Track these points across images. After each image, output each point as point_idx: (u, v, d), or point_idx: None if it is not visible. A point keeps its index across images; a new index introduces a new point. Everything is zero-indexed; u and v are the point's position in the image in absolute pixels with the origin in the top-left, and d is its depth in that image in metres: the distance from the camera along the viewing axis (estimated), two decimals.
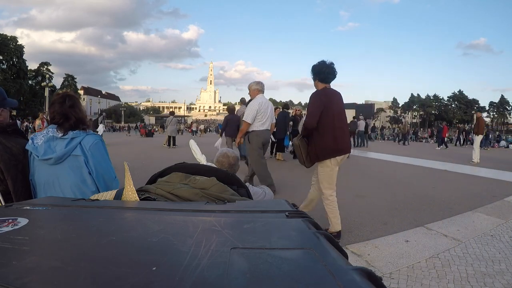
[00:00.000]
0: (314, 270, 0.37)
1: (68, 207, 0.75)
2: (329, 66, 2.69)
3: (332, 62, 2.73)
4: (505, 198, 4.24)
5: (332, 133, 2.59)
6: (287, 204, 0.71)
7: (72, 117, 1.41)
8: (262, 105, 3.85)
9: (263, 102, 3.88)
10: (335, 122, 2.59)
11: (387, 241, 2.67)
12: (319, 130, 2.60)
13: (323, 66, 2.68)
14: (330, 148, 2.59)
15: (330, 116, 2.58)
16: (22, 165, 1.35)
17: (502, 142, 18.18)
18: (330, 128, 2.58)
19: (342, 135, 2.65)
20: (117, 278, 0.36)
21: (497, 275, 2.07)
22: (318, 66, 2.71)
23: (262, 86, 3.99)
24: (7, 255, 0.42)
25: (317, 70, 2.70)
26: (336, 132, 2.60)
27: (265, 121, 3.91)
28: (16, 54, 43.19)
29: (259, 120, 3.87)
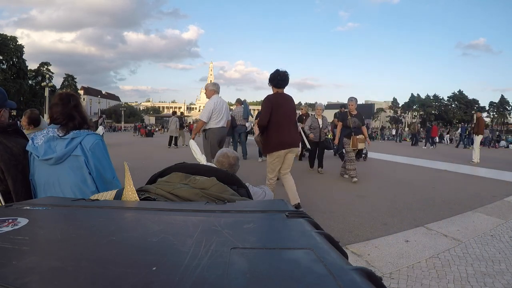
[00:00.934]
0: (314, 270, 0.37)
1: (68, 207, 0.75)
2: (282, 74, 3.16)
3: (285, 71, 3.21)
4: (505, 198, 4.24)
5: (277, 131, 3.10)
6: (287, 204, 0.71)
7: (77, 117, 1.42)
8: (217, 105, 4.14)
9: (218, 101, 4.18)
10: (281, 121, 3.10)
11: (387, 241, 2.67)
12: (268, 128, 3.13)
13: (277, 74, 3.17)
14: (274, 143, 3.15)
15: (278, 116, 3.09)
16: (22, 166, 1.35)
17: (502, 142, 18.19)
18: (277, 126, 3.10)
19: (287, 132, 3.15)
20: (117, 278, 0.36)
21: (497, 275, 2.07)
22: (272, 74, 3.20)
23: (217, 88, 4.36)
24: (7, 255, 0.42)
25: (272, 78, 3.20)
26: (281, 129, 3.11)
27: (220, 119, 4.20)
28: (16, 54, 43.17)
29: (215, 119, 4.16)
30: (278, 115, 3.10)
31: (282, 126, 3.12)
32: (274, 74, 3.19)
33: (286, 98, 3.25)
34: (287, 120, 3.17)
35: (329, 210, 3.61)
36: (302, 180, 5.41)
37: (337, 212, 3.52)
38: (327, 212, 3.50)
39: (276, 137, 3.13)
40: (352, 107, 5.44)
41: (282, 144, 3.15)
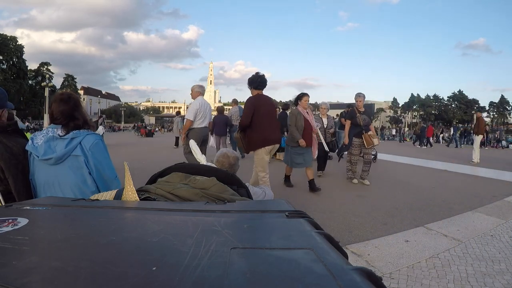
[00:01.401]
0: (314, 270, 0.37)
1: (68, 207, 0.75)
2: (260, 77, 3.49)
3: (263, 74, 3.55)
4: (505, 198, 4.24)
5: (260, 129, 3.39)
6: (287, 204, 0.71)
7: (79, 117, 1.42)
8: (202, 106, 4.41)
9: (202, 103, 4.45)
10: (263, 120, 3.40)
11: (387, 241, 2.67)
12: (251, 126, 3.41)
13: (256, 77, 3.49)
14: (259, 140, 3.42)
15: (260, 115, 3.37)
16: (22, 165, 1.35)
17: (502, 142, 18.22)
18: (259, 125, 3.39)
19: (269, 130, 3.46)
20: (117, 278, 0.36)
21: (497, 275, 2.07)
22: (252, 77, 3.52)
23: (203, 90, 4.66)
24: (7, 255, 0.42)
25: (252, 80, 3.50)
26: (264, 128, 3.41)
27: (203, 120, 4.49)
28: (16, 54, 43.16)
29: (199, 119, 4.42)
30: (260, 114, 3.38)
31: (265, 125, 3.43)
32: (254, 77, 3.50)
33: (266, 99, 3.58)
34: (269, 119, 3.49)
35: (329, 210, 3.61)
36: (303, 180, 5.41)
37: (337, 212, 3.52)
38: (327, 212, 3.50)
39: (261, 135, 3.40)
40: (360, 104, 5.07)
41: (267, 141, 3.45)
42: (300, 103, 4.44)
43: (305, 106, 4.40)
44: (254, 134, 3.41)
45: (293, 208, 0.67)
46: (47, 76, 48.01)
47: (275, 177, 5.62)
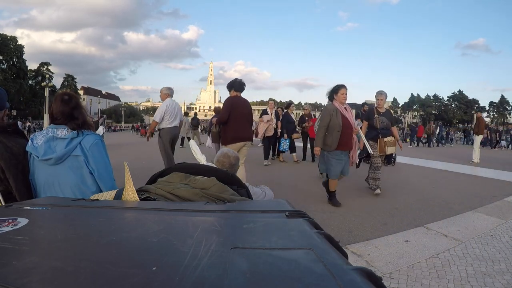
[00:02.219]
0: (314, 270, 0.37)
1: (68, 207, 0.75)
2: (239, 81, 3.95)
3: (242, 79, 3.98)
4: (505, 198, 4.24)
5: (235, 127, 3.76)
6: (287, 204, 0.71)
7: (80, 118, 1.43)
8: (170, 107, 4.67)
9: (170, 104, 4.72)
10: (239, 119, 3.77)
11: (387, 241, 2.67)
12: (227, 124, 3.78)
13: (236, 81, 3.96)
14: (232, 137, 3.78)
15: (236, 114, 3.76)
16: (22, 165, 1.35)
17: (502, 142, 18.23)
18: (234, 123, 3.75)
19: (242, 129, 3.83)
20: (117, 278, 0.36)
21: (497, 275, 2.07)
22: (232, 81, 3.98)
23: (171, 91, 4.86)
24: (7, 255, 0.42)
25: (232, 84, 3.96)
26: (238, 126, 3.77)
27: (173, 120, 4.72)
28: (16, 54, 43.19)
29: (168, 119, 4.66)
30: (236, 113, 3.77)
31: (239, 123, 3.80)
32: (234, 81, 3.95)
33: (244, 100, 4.00)
34: (244, 119, 3.88)
35: (329, 210, 3.61)
36: (303, 180, 5.41)
37: (337, 212, 3.52)
38: (327, 212, 3.50)
39: (235, 132, 3.79)
40: (381, 103, 4.38)
41: (239, 138, 3.83)
42: (336, 97, 3.71)
43: (342, 101, 3.70)
44: (229, 131, 3.81)
45: (293, 208, 0.67)
46: (47, 76, 48.05)
47: (276, 178, 5.63)
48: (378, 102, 4.46)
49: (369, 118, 4.44)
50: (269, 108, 7.42)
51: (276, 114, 7.65)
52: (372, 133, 4.38)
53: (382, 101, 4.41)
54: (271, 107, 7.48)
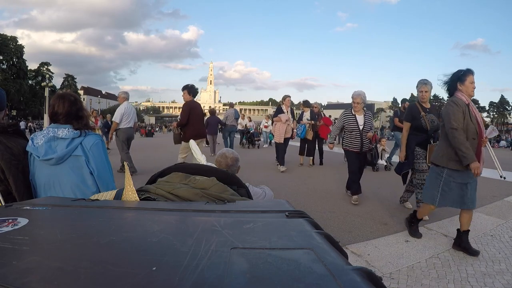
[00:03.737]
0: (314, 270, 0.37)
1: (68, 207, 0.75)
2: (194, 87, 4.80)
3: (194, 85, 4.79)
4: (505, 198, 4.24)
5: (194, 126, 4.62)
6: (287, 204, 0.71)
7: (85, 118, 1.44)
8: (127, 109, 5.40)
9: (128, 107, 5.46)
10: (196, 119, 4.65)
11: (387, 241, 2.67)
12: (188, 124, 4.58)
13: (192, 87, 4.74)
14: (193, 134, 4.45)
15: (193, 116, 4.59)
16: (22, 166, 1.35)
17: (502, 142, 18.21)
18: (193, 123, 4.61)
19: (199, 127, 4.79)
20: (117, 278, 0.36)
21: (497, 275, 2.07)
22: (188, 87, 4.71)
23: (127, 95, 5.65)
24: (7, 255, 0.42)
25: (189, 89, 4.70)
26: (196, 125, 4.67)
27: (129, 121, 5.46)
28: (16, 54, 43.19)
29: (125, 121, 5.38)
30: (193, 115, 4.60)
31: (197, 123, 4.72)
32: (190, 87, 4.72)
33: (197, 104, 4.94)
34: (200, 119, 4.85)
35: (329, 210, 3.61)
36: (303, 180, 5.41)
37: (337, 212, 3.52)
38: (327, 212, 3.50)
39: (193, 130, 4.58)
40: (426, 96, 3.29)
41: (199, 135, 4.72)
42: (461, 87, 2.47)
43: (471, 94, 2.48)
44: (189, 129, 4.58)
45: (293, 208, 0.67)
46: (47, 76, 48.06)
47: (276, 179, 5.63)
48: (421, 94, 3.30)
49: (414, 118, 3.27)
50: (285, 105, 6.40)
51: (292, 113, 6.67)
52: (419, 137, 3.25)
53: (427, 94, 3.29)
54: (288, 104, 6.44)
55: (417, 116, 3.26)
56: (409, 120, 3.34)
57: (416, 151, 3.27)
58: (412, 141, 3.30)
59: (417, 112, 3.28)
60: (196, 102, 4.85)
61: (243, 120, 12.43)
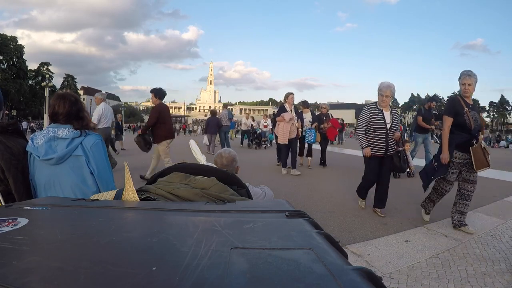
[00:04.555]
0: (314, 270, 0.37)
1: (68, 207, 0.75)
2: (163, 91, 4.94)
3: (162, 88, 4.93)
4: (505, 198, 4.24)
5: (165, 127, 4.85)
6: (287, 204, 0.71)
7: (85, 118, 1.44)
8: (104, 110, 5.61)
9: (105, 108, 5.68)
10: (165, 121, 4.86)
11: (387, 241, 2.67)
12: (158, 125, 4.80)
13: (161, 90, 4.90)
14: (164, 135, 4.82)
15: (163, 117, 4.83)
16: (22, 166, 1.35)
17: (502, 142, 18.22)
18: (163, 124, 4.83)
19: (169, 128, 5.01)
20: (117, 278, 0.36)
21: (497, 275, 2.07)
22: (157, 90, 4.86)
23: (104, 96, 5.93)
24: (7, 255, 0.42)
25: (157, 92, 4.87)
26: (166, 126, 4.88)
27: (106, 122, 5.64)
28: (16, 54, 43.21)
29: (103, 121, 5.55)
30: (163, 117, 4.84)
31: (167, 125, 4.94)
32: (158, 90, 4.90)
33: (165, 106, 5.17)
34: (169, 121, 5.07)
35: (329, 210, 3.61)
36: (303, 180, 5.41)
37: (337, 212, 3.52)
38: (327, 212, 3.50)
39: (165, 131, 4.84)
40: (470, 90, 2.82)
41: (169, 136, 4.94)
42: None
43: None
44: (160, 130, 4.81)
45: (293, 208, 0.67)
46: (47, 76, 48.06)
47: (276, 178, 5.63)
48: (464, 88, 2.83)
49: (458, 113, 2.80)
50: (288, 104, 5.92)
51: (296, 111, 6.18)
52: (460, 136, 2.80)
53: (470, 87, 2.81)
54: (291, 102, 5.94)
55: (460, 112, 2.78)
56: (451, 115, 2.83)
57: (457, 156, 2.82)
58: (451, 141, 2.82)
59: (460, 107, 2.79)
60: (164, 104, 5.12)
61: (247, 120, 12.31)
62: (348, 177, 5.75)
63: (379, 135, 3.26)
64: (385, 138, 3.25)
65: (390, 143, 3.28)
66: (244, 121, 12.36)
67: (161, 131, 4.81)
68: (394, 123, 3.32)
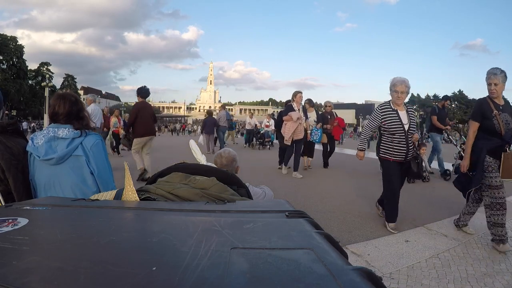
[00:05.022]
0: (314, 270, 0.37)
1: (68, 207, 0.75)
2: (145, 89, 5.23)
3: (145, 86, 5.24)
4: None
5: (143, 125, 5.07)
6: (287, 204, 0.71)
7: (85, 119, 1.44)
8: (93, 111, 5.76)
9: (95, 109, 5.99)
10: (145, 119, 5.07)
11: (387, 241, 2.67)
12: (137, 123, 5.06)
13: (143, 89, 5.20)
14: (142, 132, 5.08)
15: (142, 116, 5.05)
16: (22, 166, 1.35)
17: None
18: (142, 122, 5.06)
19: (148, 126, 5.17)
20: (117, 278, 0.36)
21: (497, 275, 2.07)
22: (139, 88, 5.20)
23: (95, 97, 6.44)
24: (7, 255, 0.42)
25: (139, 91, 5.21)
26: (145, 124, 5.09)
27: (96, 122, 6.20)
28: (16, 54, 43.21)
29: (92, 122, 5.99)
30: (143, 115, 5.05)
31: (146, 122, 5.12)
32: (141, 89, 5.18)
33: (147, 104, 5.43)
34: (149, 118, 5.19)
35: (329, 210, 3.61)
36: (303, 180, 5.41)
37: (337, 212, 3.52)
38: (327, 212, 3.50)
39: (142, 128, 5.08)
40: (496, 90, 2.57)
41: (147, 133, 5.14)
42: None
43: None
44: (138, 127, 5.08)
45: (293, 208, 0.67)
46: (47, 76, 48.04)
47: (276, 178, 5.63)
48: (490, 88, 2.59)
49: (486, 117, 2.58)
50: (295, 103, 5.55)
51: (304, 111, 5.83)
52: (491, 142, 2.56)
53: (497, 88, 2.56)
54: (299, 101, 5.59)
55: (488, 115, 2.55)
56: (477, 119, 2.62)
57: (487, 161, 2.55)
58: (482, 147, 2.56)
59: (488, 110, 2.55)
60: (145, 102, 5.40)
61: (251, 119, 12.09)
62: (349, 177, 5.75)
63: (398, 138, 2.86)
64: (405, 141, 2.84)
65: (410, 147, 2.88)
66: (249, 121, 12.13)
67: (139, 128, 5.10)
68: (411, 123, 2.91)
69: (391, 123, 2.87)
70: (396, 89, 2.88)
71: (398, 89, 2.86)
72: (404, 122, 2.87)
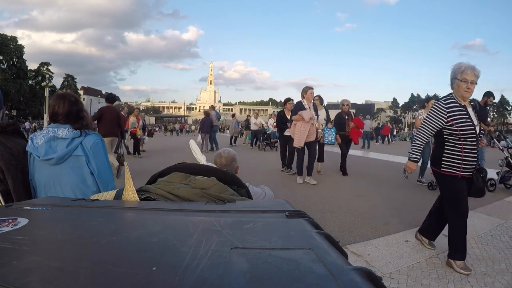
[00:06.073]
0: (314, 270, 0.37)
1: (68, 207, 0.75)
2: (113, 95, 6.21)
3: (112, 93, 6.30)
4: (505, 198, 4.24)
5: (105, 127, 5.56)
6: (287, 204, 0.71)
7: (85, 118, 1.44)
8: None
9: None
10: (108, 122, 5.62)
11: (387, 241, 2.67)
12: (101, 125, 5.58)
13: (110, 95, 6.17)
14: (104, 133, 5.14)
15: (106, 118, 5.62)
16: (21, 166, 1.35)
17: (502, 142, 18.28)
18: (105, 124, 5.59)
19: (111, 127, 5.64)
20: (117, 278, 0.36)
21: (497, 275, 2.07)
22: (106, 95, 6.06)
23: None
24: (7, 255, 0.42)
25: (106, 97, 6.10)
26: (107, 126, 5.58)
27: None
28: (16, 54, 43.17)
29: None
30: (106, 117, 5.60)
31: (109, 124, 5.62)
32: (108, 96, 6.13)
33: (111, 108, 5.92)
34: (113, 121, 5.71)
35: (329, 210, 3.61)
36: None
37: (337, 212, 3.52)
38: (327, 212, 3.50)
39: (104, 130, 5.45)
40: None
41: (109, 134, 5.52)
42: None
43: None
44: (101, 129, 5.49)
45: (293, 208, 0.67)
46: (47, 76, 48.02)
47: (276, 178, 5.63)
48: None
49: None
50: (306, 100, 4.85)
51: (315, 109, 5.05)
52: None
53: None
54: (310, 98, 4.88)
55: None
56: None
57: None
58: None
59: None
60: (110, 107, 5.98)
61: (256, 119, 11.59)
62: (349, 178, 5.75)
63: (470, 145, 2.13)
64: (476, 149, 2.16)
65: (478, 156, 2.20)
66: (254, 121, 11.60)
67: (101, 129, 5.60)
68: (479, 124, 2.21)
69: (461, 123, 2.10)
70: (466, 77, 2.08)
71: (469, 77, 2.08)
72: (475, 123, 2.14)
